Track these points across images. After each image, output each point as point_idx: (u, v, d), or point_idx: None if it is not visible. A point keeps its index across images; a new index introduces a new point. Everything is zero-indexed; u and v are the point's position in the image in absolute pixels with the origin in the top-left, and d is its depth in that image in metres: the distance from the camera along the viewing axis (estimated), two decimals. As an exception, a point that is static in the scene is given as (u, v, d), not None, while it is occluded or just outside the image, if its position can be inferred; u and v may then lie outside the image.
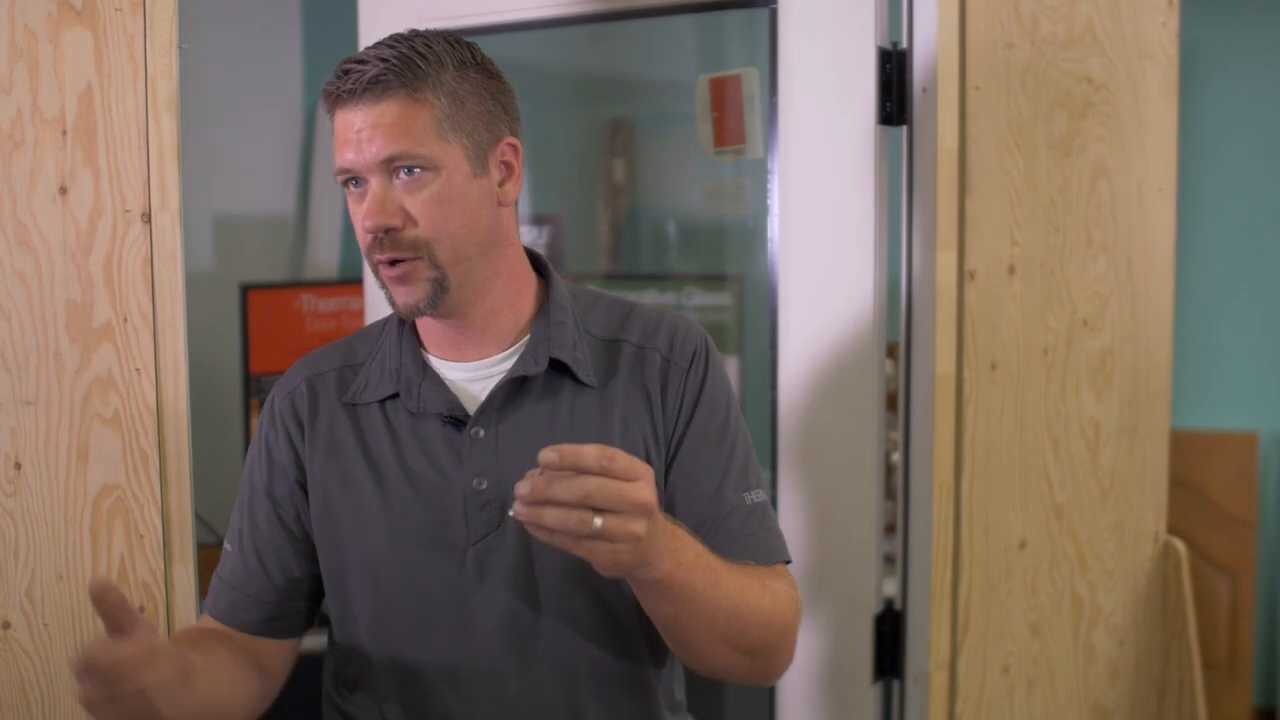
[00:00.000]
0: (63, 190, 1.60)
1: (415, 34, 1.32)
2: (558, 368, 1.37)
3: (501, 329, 1.39)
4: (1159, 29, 2.05)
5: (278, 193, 3.39)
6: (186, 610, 1.65)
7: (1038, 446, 1.97)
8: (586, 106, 3.17)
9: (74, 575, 1.62)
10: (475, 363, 1.39)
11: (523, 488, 1.07)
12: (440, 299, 1.32)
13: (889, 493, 1.97)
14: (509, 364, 1.38)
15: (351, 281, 2.97)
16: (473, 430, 1.35)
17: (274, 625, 1.43)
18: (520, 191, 1.38)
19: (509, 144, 1.36)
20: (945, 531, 1.88)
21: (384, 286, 1.33)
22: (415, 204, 1.29)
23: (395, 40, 1.31)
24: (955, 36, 1.84)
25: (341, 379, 1.43)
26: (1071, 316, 1.99)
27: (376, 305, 2.08)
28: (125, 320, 1.62)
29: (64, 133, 1.59)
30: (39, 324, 1.60)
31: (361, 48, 2.13)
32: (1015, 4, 1.89)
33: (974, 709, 1.93)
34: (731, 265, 2.90)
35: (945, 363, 1.86)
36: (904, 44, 1.88)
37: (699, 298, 2.91)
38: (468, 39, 1.36)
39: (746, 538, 1.35)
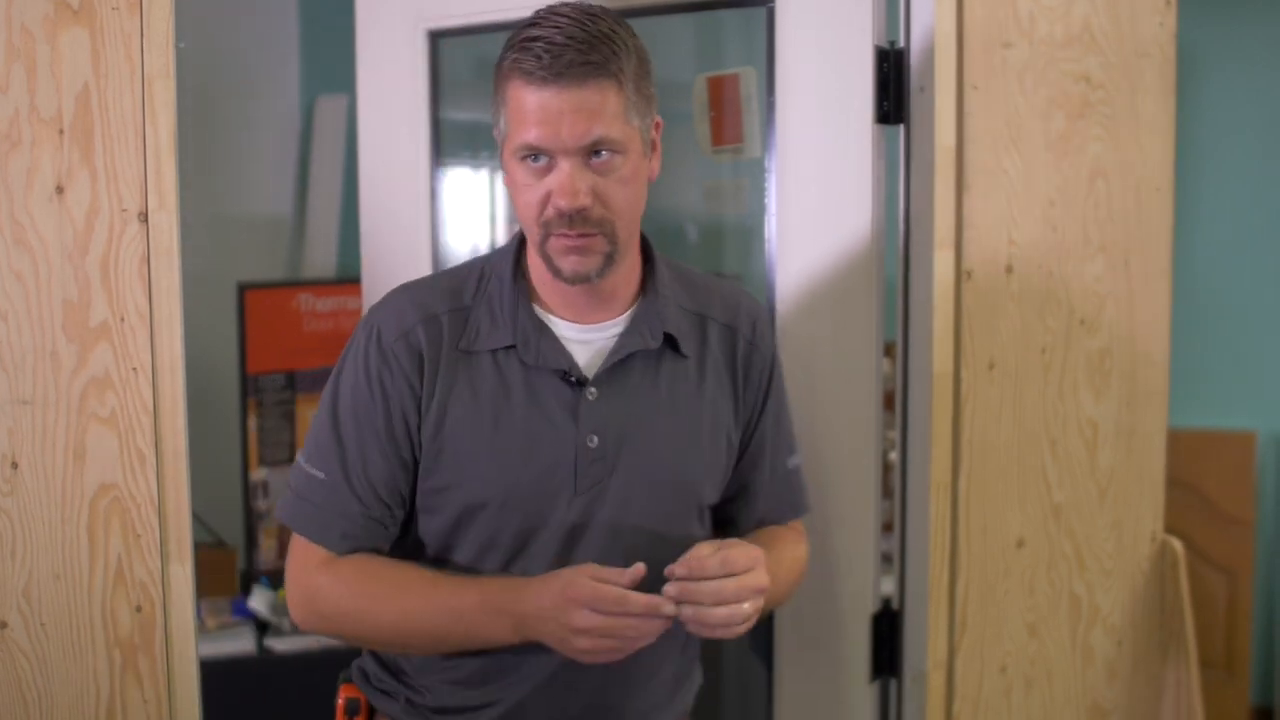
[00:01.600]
0: (59, 190, 1.60)
1: (589, 11, 1.33)
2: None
3: (621, 295, 1.46)
4: (1156, 28, 2.05)
5: (275, 192, 3.38)
6: (183, 609, 1.65)
7: (1035, 446, 1.97)
8: (584, 106, 3.16)
9: (71, 575, 1.62)
10: (591, 325, 1.45)
11: (671, 590, 1.30)
12: (608, 270, 1.38)
13: (886, 492, 1.97)
14: (618, 329, 1.45)
15: (349, 281, 2.97)
16: (589, 391, 1.41)
17: (379, 541, 1.47)
18: (660, 168, 1.44)
19: (658, 123, 1.43)
20: (943, 531, 1.88)
21: (548, 255, 1.37)
22: (606, 185, 1.34)
23: (580, 18, 1.32)
24: (953, 35, 1.84)
25: (454, 323, 1.45)
26: (1069, 316, 1.99)
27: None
28: (122, 320, 1.62)
29: (61, 132, 1.59)
30: (36, 323, 1.60)
31: (361, 47, 2.13)
32: (1013, 3, 1.89)
33: (971, 709, 1.93)
34: (729, 264, 2.90)
35: (943, 362, 1.86)
36: (901, 43, 1.88)
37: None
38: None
39: (790, 496, 1.59)
